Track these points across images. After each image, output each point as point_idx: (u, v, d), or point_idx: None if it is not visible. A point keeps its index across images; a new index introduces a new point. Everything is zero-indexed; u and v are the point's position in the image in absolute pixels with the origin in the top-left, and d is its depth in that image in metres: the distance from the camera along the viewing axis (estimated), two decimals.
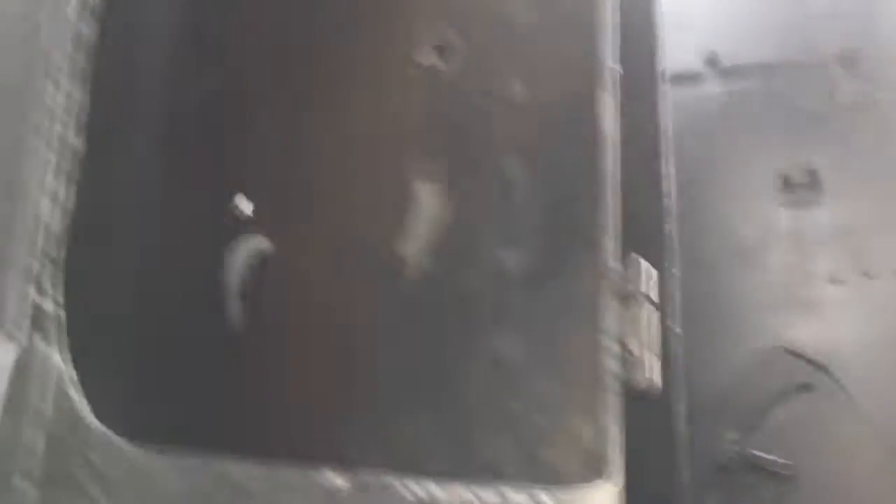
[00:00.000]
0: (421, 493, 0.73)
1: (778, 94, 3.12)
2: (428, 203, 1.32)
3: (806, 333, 2.86)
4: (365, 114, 1.50)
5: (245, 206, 1.55)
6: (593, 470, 0.94)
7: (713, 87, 3.22)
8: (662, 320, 1.47)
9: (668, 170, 1.57)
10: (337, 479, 0.71)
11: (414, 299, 1.30)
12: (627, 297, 1.02)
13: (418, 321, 1.28)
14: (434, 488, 0.75)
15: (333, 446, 1.38)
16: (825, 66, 3.03)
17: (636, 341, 1.00)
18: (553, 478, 1.02)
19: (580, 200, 1.08)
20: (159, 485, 0.63)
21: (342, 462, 1.36)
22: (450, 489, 0.75)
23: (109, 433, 0.63)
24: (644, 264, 1.02)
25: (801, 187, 2.93)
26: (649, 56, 1.58)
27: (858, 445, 2.69)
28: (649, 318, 1.02)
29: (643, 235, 1.51)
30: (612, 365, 0.99)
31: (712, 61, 3.29)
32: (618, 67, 1.21)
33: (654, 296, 1.02)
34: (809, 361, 2.87)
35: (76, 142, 0.85)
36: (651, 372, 1.00)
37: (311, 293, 1.50)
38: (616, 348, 0.99)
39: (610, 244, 1.03)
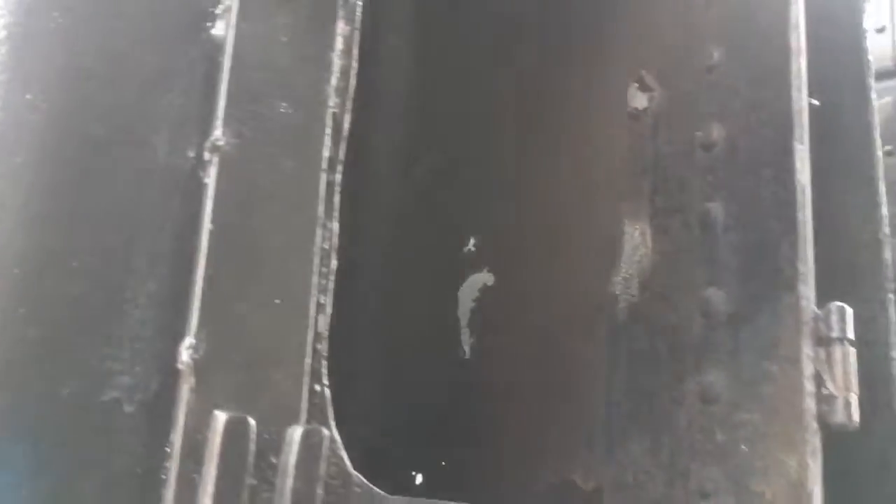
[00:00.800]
0: None
1: None
2: (635, 242, 1.42)
3: None
4: (576, 157, 1.62)
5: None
6: (795, 502, 0.99)
7: None
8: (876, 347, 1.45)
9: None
10: None
11: (625, 333, 1.40)
12: (823, 339, 1.05)
13: (629, 354, 1.39)
14: None
15: (557, 470, 1.53)
16: None
17: (832, 380, 1.03)
18: None
19: (779, 246, 1.12)
20: None
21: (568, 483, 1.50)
22: None
23: (369, 485, 0.79)
24: (838, 305, 1.05)
25: None
26: (860, 76, 1.53)
27: None
28: (845, 358, 1.04)
29: (857, 266, 1.50)
30: (810, 403, 1.03)
31: None
32: (814, 101, 1.23)
33: (851, 334, 1.04)
34: None
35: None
36: (848, 408, 1.02)
37: (531, 327, 1.66)
38: (813, 387, 1.03)
39: (807, 289, 1.07)
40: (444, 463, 1.74)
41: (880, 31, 3.00)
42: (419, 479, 1.73)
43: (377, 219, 1.59)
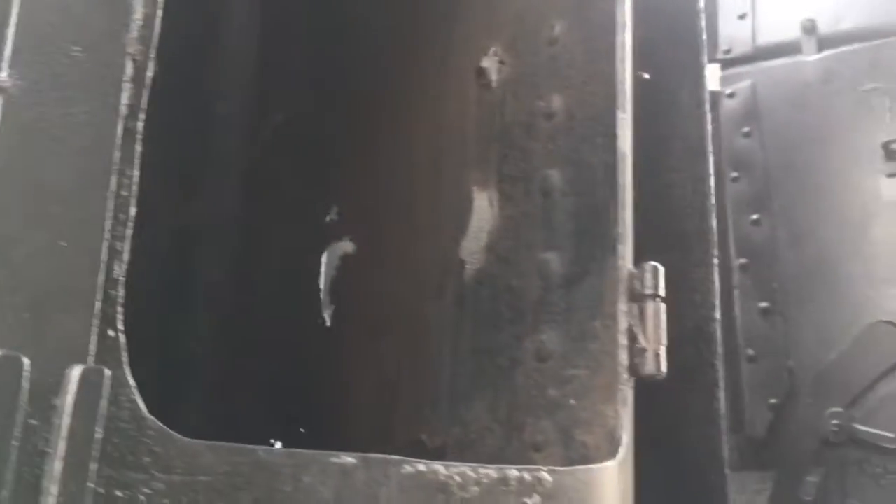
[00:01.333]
0: (421, 467, 0.85)
1: (881, 60, 3.01)
2: (483, 209, 1.46)
3: None
4: (431, 126, 1.65)
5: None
6: (610, 451, 1.05)
7: (811, 57, 3.14)
8: (703, 308, 1.54)
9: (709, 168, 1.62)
10: (348, 458, 0.85)
11: (471, 296, 1.45)
12: (637, 295, 1.11)
13: (474, 316, 1.43)
14: (436, 465, 0.88)
15: (407, 430, 1.56)
16: None
17: (644, 334, 1.09)
18: (582, 457, 1.14)
19: (607, 210, 1.18)
20: (202, 463, 0.78)
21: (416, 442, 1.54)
22: (451, 466, 0.87)
23: (165, 428, 0.80)
24: (652, 265, 1.11)
25: None
26: (694, 54, 1.62)
27: None
28: (657, 313, 1.11)
29: (689, 232, 1.59)
30: (623, 356, 1.09)
31: (810, 29, 3.21)
32: (644, 75, 1.29)
33: (662, 292, 1.11)
34: None
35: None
36: (657, 360, 1.09)
37: (387, 293, 1.68)
38: (626, 341, 1.09)
39: (624, 248, 1.13)
40: (302, 429, 1.75)
41: (742, 17, 3.16)
42: (278, 445, 1.74)
43: (223, 181, 1.57)
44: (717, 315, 1.69)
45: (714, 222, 1.62)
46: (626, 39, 1.21)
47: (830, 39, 3.02)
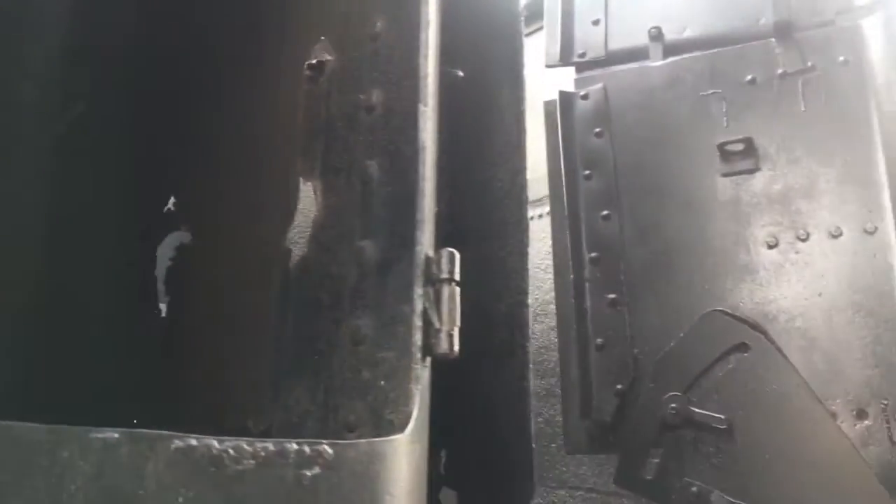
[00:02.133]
0: (193, 442, 0.89)
1: (718, 67, 3.23)
2: (308, 199, 1.50)
3: (744, 296, 3.02)
4: (264, 118, 1.68)
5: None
6: (401, 426, 1.12)
7: (657, 62, 3.34)
8: (516, 293, 1.64)
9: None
10: (112, 433, 0.86)
11: (295, 284, 1.49)
12: (434, 279, 1.18)
13: (298, 303, 1.48)
14: (210, 440, 0.91)
15: (235, 416, 1.59)
16: (764, 38, 3.13)
17: (439, 316, 1.16)
18: (389, 435, 1.21)
19: (414, 198, 1.25)
20: None
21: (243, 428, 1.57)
22: (227, 440, 0.91)
23: None
24: (449, 251, 1.18)
25: (737, 156, 3.06)
26: (511, 54, 1.72)
27: (789, 399, 2.85)
28: (451, 296, 1.18)
29: (507, 222, 1.68)
30: (417, 336, 1.16)
31: (657, 37, 3.40)
32: (458, 72, 1.36)
33: (457, 276, 1.18)
34: (746, 323, 3.04)
35: None
36: (450, 340, 1.16)
37: (221, 283, 1.70)
38: (421, 322, 1.16)
39: (422, 235, 1.20)
40: (135, 420, 1.74)
41: (595, 23, 3.31)
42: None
43: (30, 170, 1.55)
44: (528, 300, 1.79)
45: (527, 213, 1.71)
46: (429, 37, 1.27)
47: (675, 46, 3.21)
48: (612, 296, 3.06)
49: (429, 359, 1.17)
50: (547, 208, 5.32)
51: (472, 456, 1.57)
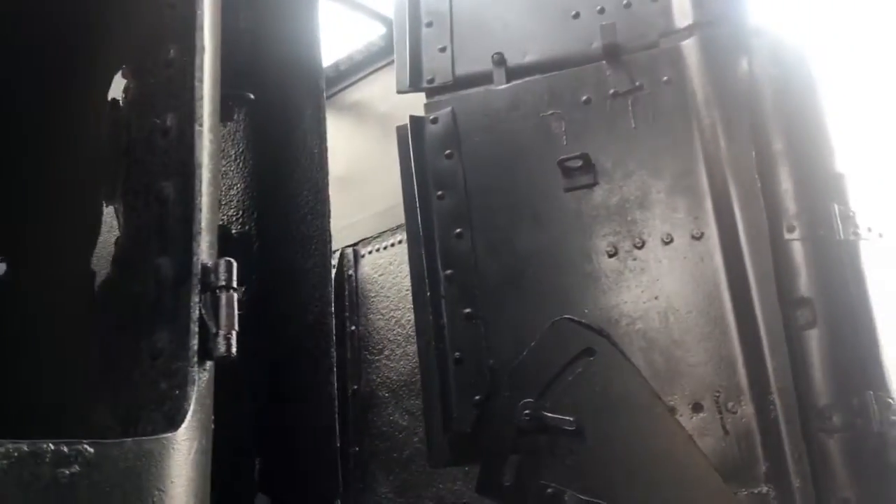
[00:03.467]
0: None
1: (557, 88, 3.43)
2: (111, 221, 1.54)
3: (589, 303, 3.18)
4: (72, 144, 1.71)
5: None
6: (175, 425, 1.16)
7: (501, 86, 3.52)
8: (320, 303, 1.70)
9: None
10: None
11: (100, 305, 1.52)
12: (212, 287, 1.25)
13: (104, 322, 1.51)
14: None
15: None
16: (596, 61, 3.35)
17: (216, 320, 1.23)
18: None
19: (192, 212, 1.31)
20: None
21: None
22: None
23: None
24: (227, 260, 1.25)
25: (577, 171, 3.25)
26: (315, 78, 1.82)
27: (632, 398, 3.01)
28: (229, 302, 1.25)
29: (305, 234, 1.75)
30: (193, 341, 1.21)
31: (499, 62, 3.59)
32: (249, 95, 1.44)
33: (234, 283, 1.25)
34: (591, 328, 3.20)
35: None
36: (228, 342, 1.23)
37: (32, 307, 1.71)
38: (197, 328, 1.22)
39: (196, 246, 1.26)
40: None
41: (442, 50, 3.46)
42: None
43: None
44: (332, 309, 1.86)
45: (329, 225, 1.79)
46: (205, 61, 1.35)
47: (517, 70, 3.38)
48: (467, 310, 3.17)
49: (209, 362, 1.23)
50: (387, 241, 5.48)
51: (282, 460, 1.62)
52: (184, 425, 1.14)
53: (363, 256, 5.58)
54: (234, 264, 1.27)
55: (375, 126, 5.73)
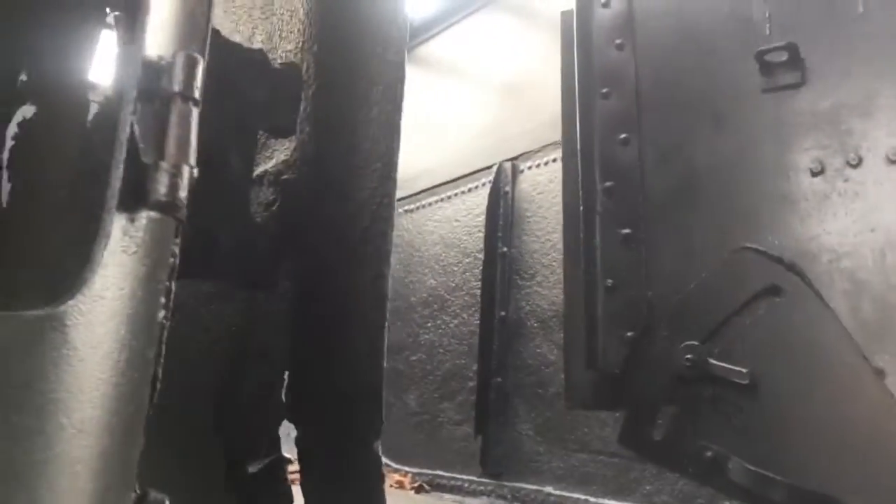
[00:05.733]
0: None
1: None
2: None
3: (780, 232, 2.57)
4: None
5: None
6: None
7: None
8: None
9: None
10: None
11: None
12: (158, 93, 0.84)
13: None
14: None
15: None
16: None
17: (155, 146, 0.82)
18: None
19: None
20: None
21: None
22: None
23: None
24: (187, 56, 0.82)
25: (780, 67, 2.59)
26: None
27: (827, 352, 2.41)
28: (183, 119, 0.83)
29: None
30: (117, 175, 0.81)
31: None
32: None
33: (196, 92, 0.83)
34: (780, 262, 2.59)
35: None
36: (174, 183, 0.80)
37: None
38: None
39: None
40: None
41: None
42: None
43: None
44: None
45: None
46: None
47: None
48: (626, 231, 2.65)
49: (145, 211, 0.82)
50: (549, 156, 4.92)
51: (315, 381, 1.28)
52: (81, 297, 0.75)
53: (522, 172, 5.11)
54: (201, 61, 0.85)
55: (546, 25, 5.16)
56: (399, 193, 1.78)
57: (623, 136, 2.72)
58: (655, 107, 2.70)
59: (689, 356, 2.43)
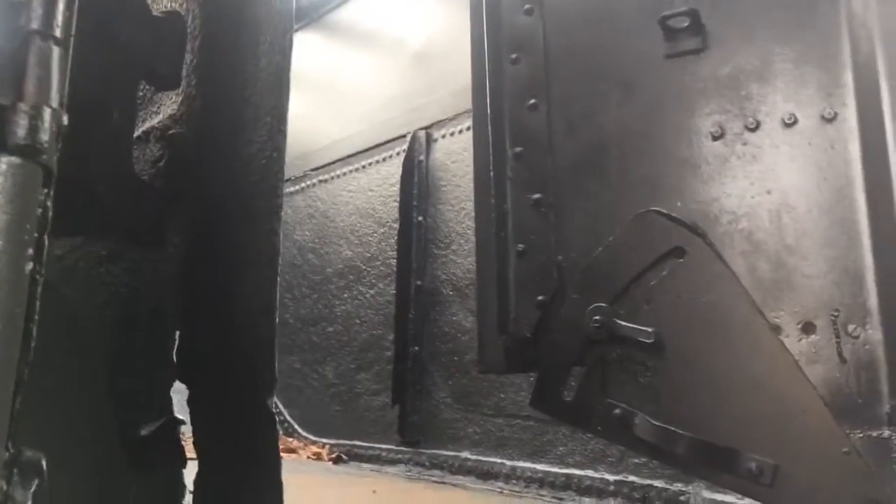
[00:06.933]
0: None
1: None
2: None
3: (683, 194, 2.65)
4: None
5: None
6: None
7: None
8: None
9: None
10: None
11: None
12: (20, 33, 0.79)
13: None
14: None
15: None
16: None
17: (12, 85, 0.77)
18: None
19: None
20: None
21: None
22: None
23: None
24: None
25: (682, 33, 2.63)
26: None
27: (728, 311, 2.50)
28: (43, 58, 0.78)
29: None
30: None
31: None
32: None
33: (57, 30, 0.78)
34: (683, 224, 2.67)
35: None
36: (34, 126, 0.76)
37: None
38: None
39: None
40: None
41: None
42: None
43: None
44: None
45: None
46: None
47: None
48: (536, 196, 2.67)
49: (4, 156, 0.77)
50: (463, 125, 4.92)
51: (207, 342, 1.27)
52: None
53: (436, 141, 5.09)
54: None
55: None
56: (313, 163, 1.75)
57: (532, 101, 2.73)
58: (564, 72, 2.72)
59: (597, 318, 2.47)
